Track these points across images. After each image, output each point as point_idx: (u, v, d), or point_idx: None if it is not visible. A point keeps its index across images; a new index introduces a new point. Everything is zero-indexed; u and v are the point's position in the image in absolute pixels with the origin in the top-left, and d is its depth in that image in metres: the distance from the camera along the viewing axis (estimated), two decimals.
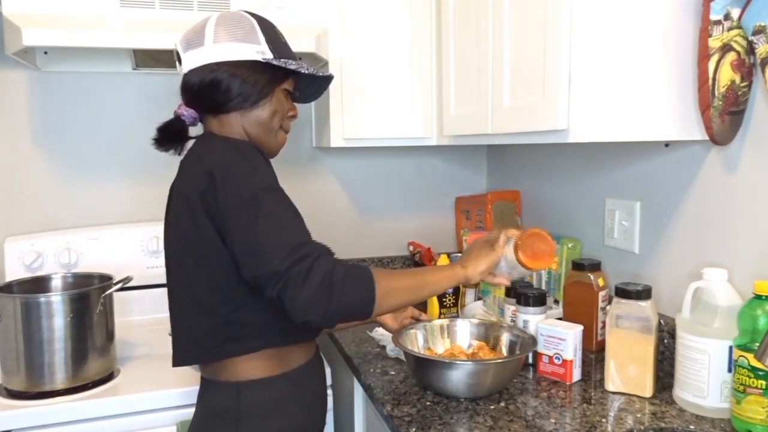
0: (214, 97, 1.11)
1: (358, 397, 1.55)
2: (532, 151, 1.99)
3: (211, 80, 1.10)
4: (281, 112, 1.17)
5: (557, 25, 1.13)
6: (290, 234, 0.99)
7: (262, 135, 1.16)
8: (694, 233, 1.33)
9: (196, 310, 1.09)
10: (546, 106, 1.17)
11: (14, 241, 1.77)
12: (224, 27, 1.12)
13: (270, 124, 1.16)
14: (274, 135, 1.18)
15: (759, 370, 1.02)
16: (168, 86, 1.95)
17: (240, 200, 0.99)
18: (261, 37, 1.13)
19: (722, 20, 1.11)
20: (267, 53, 1.13)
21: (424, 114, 1.81)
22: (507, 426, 1.12)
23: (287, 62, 1.15)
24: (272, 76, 1.14)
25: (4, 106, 1.82)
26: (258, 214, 0.98)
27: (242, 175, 1.02)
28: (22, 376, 1.39)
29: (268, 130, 1.16)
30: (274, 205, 1.01)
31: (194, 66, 1.11)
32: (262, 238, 0.97)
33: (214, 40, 1.11)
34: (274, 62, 1.13)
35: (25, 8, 1.48)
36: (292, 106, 1.21)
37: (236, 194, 1.00)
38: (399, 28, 1.77)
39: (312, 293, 0.94)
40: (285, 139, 1.21)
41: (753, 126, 1.17)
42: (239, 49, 1.11)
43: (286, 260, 0.95)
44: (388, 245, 2.21)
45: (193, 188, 1.04)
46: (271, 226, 0.98)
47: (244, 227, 0.99)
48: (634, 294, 1.23)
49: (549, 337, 1.33)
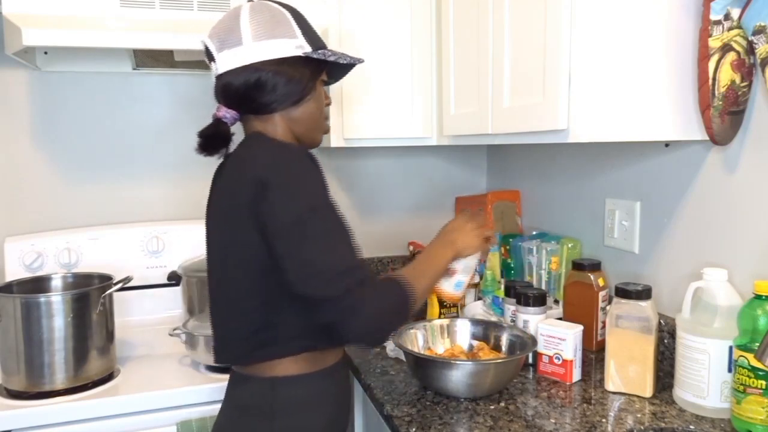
0: (260, 98, 1.08)
1: (358, 397, 1.55)
2: (532, 151, 1.99)
3: (255, 81, 1.06)
4: (322, 102, 1.17)
5: (557, 25, 1.13)
6: (343, 257, 0.99)
7: (308, 130, 1.15)
8: (694, 233, 1.33)
9: (234, 312, 1.08)
10: (546, 106, 1.17)
11: (14, 241, 1.77)
12: (260, 23, 1.07)
13: (317, 118, 1.15)
14: (320, 125, 1.17)
15: (759, 370, 1.02)
16: (168, 86, 1.96)
17: (293, 216, 0.98)
18: (297, 30, 1.10)
19: (722, 20, 1.11)
20: (306, 46, 1.10)
21: (424, 114, 1.81)
22: (507, 426, 1.12)
23: (325, 53, 1.12)
24: (313, 70, 1.12)
25: (4, 106, 1.82)
26: (311, 233, 0.98)
27: (296, 189, 1.00)
28: (22, 376, 1.39)
29: (315, 122, 1.15)
30: (327, 223, 1.00)
31: (233, 66, 1.07)
32: (317, 258, 0.97)
33: (254, 39, 1.06)
34: (314, 55, 1.10)
35: (25, 8, 1.48)
36: (326, 94, 1.20)
37: (289, 208, 0.98)
38: (399, 28, 1.77)
39: (362, 324, 0.97)
40: (329, 127, 1.22)
41: (753, 126, 1.17)
42: (280, 46, 1.07)
43: (339, 287, 0.96)
44: (388, 245, 2.21)
45: (242, 193, 1.01)
46: (324, 246, 0.98)
47: (297, 245, 0.97)
48: (634, 294, 1.23)
49: (549, 337, 1.33)
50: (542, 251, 1.74)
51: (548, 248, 1.73)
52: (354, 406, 1.57)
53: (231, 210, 1.04)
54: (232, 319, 1.09)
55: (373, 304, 0.97)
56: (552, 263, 1.71)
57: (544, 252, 1.73)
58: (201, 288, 1.78)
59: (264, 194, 0.98)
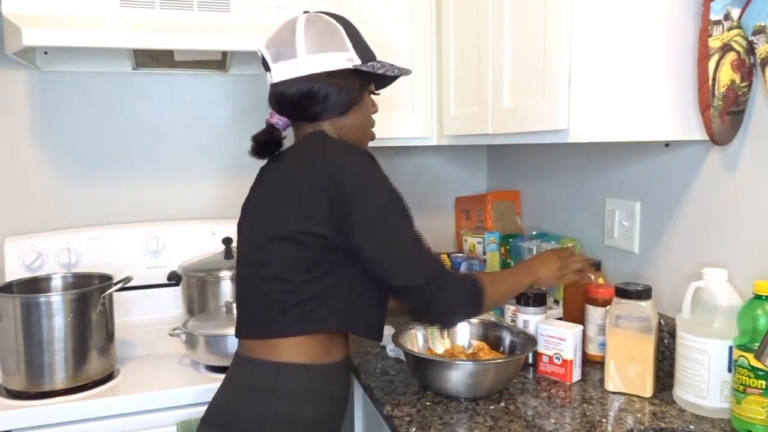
0: (312, 107, 1.15)
1: (358, 397, 1.55)
2: (532, 151, 1.99)
3: (308, 91, 1.13)
4: (370, 112, 1.23)
5: (557, 25, 1.13)
6: (426, 249, 1.11)
7: (356, 135, 1.20)
8: (694, 233, 1.33)
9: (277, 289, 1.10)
10: (546, 106, 1.17)
11: (14, 241, 1.77)
12: (314, 36, 1.13)
13: (362, 126, 1.21)
14: (366, 133, 1.24)
15: (759, 370, 1.02)
16: (168, 86, 1.96)
17: (377, 211, 1.07)
18: (348, 42, 1.16)
19: (722, 20, 1.11)
20: (355, 59, 1.16)
21: (424, 114, 1.81)
22: (507, 426, 1.12)
23: (374, 66, 1.18)
24: (362, 81, 1.18)
25: (4, 106, 1.82)
26: (398, 228, 1.09)
27: (374, 185, 1.08)
28: (22, 376, 1.39)
29: (362, 130, 1.22)
30: (406, 218, 1.10)
31: (287, 77, 1.14)
32: (405, 251, 1.09)
33: (307, 52, 1.13)
34: (363, 68, 1.16)
35: (25, 8, 1.48)
36: (374, 102, 1.26)
37: (372, 204, 1.06)
38: (399, 28, 1.77)
39: (441, 311, 1.12)
40: (374, 134, 1.27)
41: (753, 126, 1.17)
42: (332, 59, 1.14)
43: (426, 276, 1.09)
44: None
45: (312, 183, 1.06)
46: (410, 239, 1.09)
47: (386, 239, 1.08)
48: (634, 294, 1.23)
49: (549, 337, 1.33)
50: (542, 251, 1.74)
51: (548, 248, 1.72)
52: (353, 407, 1.57)
53: (295, 195, 1.08)
54: (273, 293, 1.10)
55: (452, 293, 1.10)
56: None
57: None
58: (201, 288, 1.78)
59: (340, 189, 1.05)
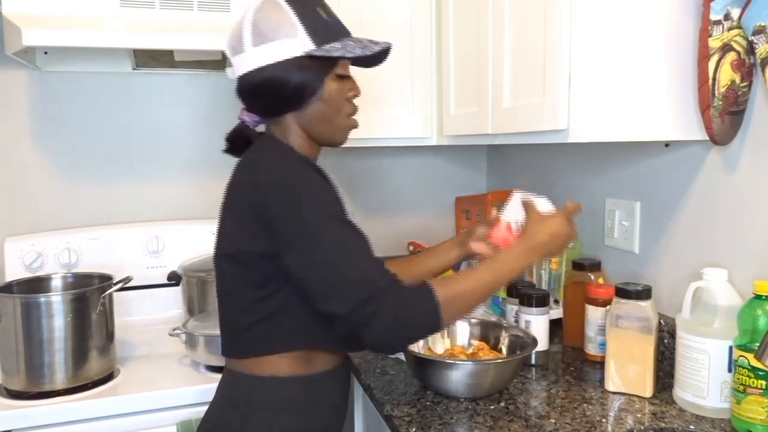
0: (267, 102, 1.09)
1: (358, 397, 1.55)
2: (532, 151, 1.99)
3: (258, 85, 1.06)
4: (338, 99, 1.10)
5: (557, 25, 1.13)
6: (352, 269, 0.97)
7: (323, 129, 1.11)
8: (694, 233, 1.33)
9: (234, 304, 1.09)
10: (546, 106, 1.17)
11: (14, 241, 1.77)
12: (260, 27, 1.06)
13: (328, 117, 1.10)
14: (337, 124, 1.12)
15: (759, 370, 1.02)
16: (168, 86, 1.96)
17: (297, 227, 0.98)
18: (299, 27, 1.05)
19: (722, 20, 1.11)
20: (308, 45, 1.05)
21: (424, 114, 1.81)
22: (507, 426, 1.12)
23: (332, 49, 1.07)
24: (319, 67, 1.07)
25: (4, 106, 1.82)
26: (315, 246, 0.97)
27: (296, 198, 0.99)
28: (22, 376, 1.39)
29: (328, 122, 1.11)
30: (331, 233, 0.98)
31: (242, 72, 1.08)
32: (324, 273, 0.97)
33: (253, 44, 1.05)
34: (317, 53, 1.06)
35: (25, 8, 1.48)
36: (352, 86, 1.13)
37: (292, 218, 0.98)
38: (399, 27, 1.77)
39: (380, 334, 0.96)
40: (354, 122, 1.15)
41: (753, 126, 1.17)
42: (280, 48, 1.05)
43: (352, 302, 0.95)
44: (388, 245, 2.21)
45: (246, 198, 1.02)
46: (330, 259, 0.97)
47: (303, 258, 0.98)
48: (634, 294, 1.23)
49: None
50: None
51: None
52: (353, 407, 1.57)
53: (235, 209, 1.05)
54: (232, 312, 1.10)
55: (387, 319, 0.95)
56: (552, 263, 1.71)
57: None
58: (201, 288, 1.78)
59: (265, 206, 0.99)
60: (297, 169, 1.02)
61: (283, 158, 1.04)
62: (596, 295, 1.40)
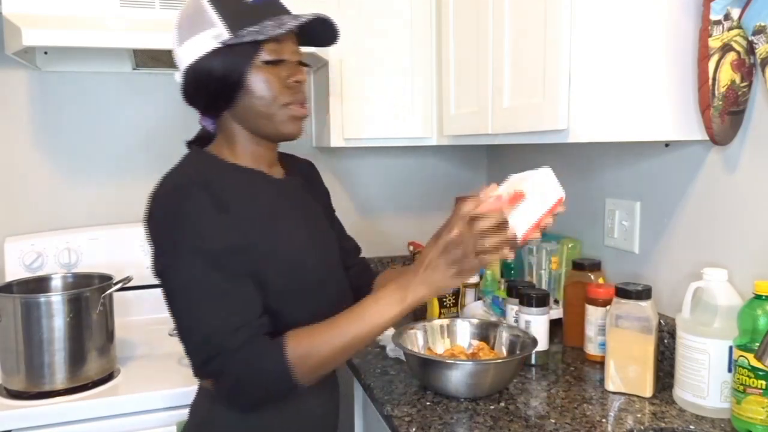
0: (200, 102, 1.03)
1: (358, 397, 1.55)
2: (532, 151, 1.99)
3: (188, 85, 1.01)
4: (268, 88, 0.99)
5: (557, 25, 1.13)
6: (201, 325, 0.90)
7: (261, 123, 1.02)
8: (694, 233, 1.33)
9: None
10: (546, 106, 1.17)
11: (14, 241, 1.77)
12: (182, 23, 1.00)
13: (261, 109, 1.00)
14: (278, 116, 1.01)
15: (759, 370, 1.02)
16: (168, 86, 1.95)
17: (159, 267, 0.93)
18: (214, 16, 0.96)
19: (722, 20, 1.11)
20: (223, 34, 0.96)
21: (424, 114, 1.81)
22: (507, 426, 1.12)
23: (247, 33, 0.96)
24: (239, 56, 0.97)
25: (4, 106, 1.82)
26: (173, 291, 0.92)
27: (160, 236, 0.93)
28: (22, 376, 1.39)
29: (264, 115, 1.01)
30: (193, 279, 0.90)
31: (177, 74, 1.04)
32: (181, 320, 0.93)
33: (179, 42, 1.00)
34: (232, 41, 0.96)
35: (25, 8, 1.48)
36: (290, 71, 1.01)
37: (157, 257, 0.93)
38: (399, 27, 1.77)
39: (227, 393, 0.93)
40: (301, 112, 1.03)
41: (753, 126, 1.17)
42: (197, 43, 0.97)
43: (195, 358, 0.92)
44: (388, 245, 2.21)
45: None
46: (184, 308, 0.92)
47: (166, 296, 0.93)
48: (634, 294, 1.23)
49: None
50: (542, 251, 1.74)
51: (548, 248, 1.73)
52: (353, 407, 1.57)
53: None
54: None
55: (231, 378, 0.90)
56: (552, 263, 1.71)
57: (544, 252, 1.73)
58: None
59: (146, 224, 0.95)
60: (175, 194, 0.93)
61: (170, 178, 0.96)
62: (596, 295, 1.40)
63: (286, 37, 1.01)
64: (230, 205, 0.95)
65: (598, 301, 1.39)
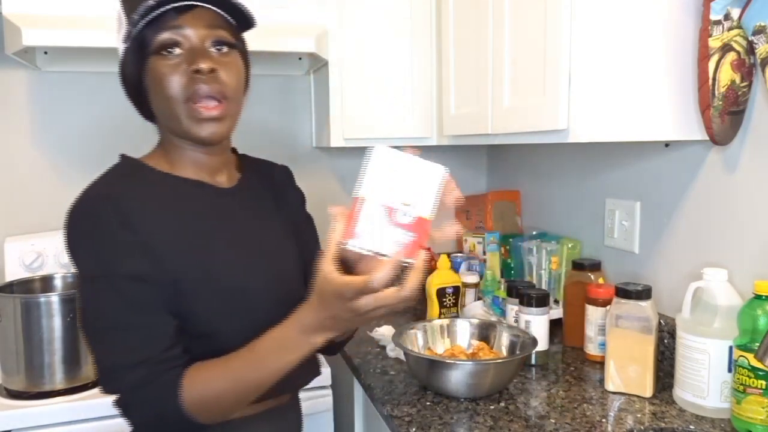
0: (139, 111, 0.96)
1: (358, 397, 1.55)
2: (532, 151, 1.99)
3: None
4: (167, 83, 0.86)
5: (557, 25, 1.13)
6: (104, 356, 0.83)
7: (173, 126, 0.90)
8: (694, 233, 1.33)
9: None
10: (546, 105, 1.17)
11: (14, 241, 1.77)
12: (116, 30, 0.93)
13: (164, 110, 0.89)
14: (182, 116, 0.87)
15: (759, 370, 1.02)
16: None
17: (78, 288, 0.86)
18: (122, 15, 0.88)
19: (722, 20, 1.11)
20: (125, 26, 0.87)
21: (424, 114, 1.81)
22: (507, 426, 1.12)
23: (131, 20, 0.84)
24: (135, 50, 0.87)
25: (4, 106, 1.82)
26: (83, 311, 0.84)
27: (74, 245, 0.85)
28: (22, 376, 1.39)
29: (170, 116, 0.89)
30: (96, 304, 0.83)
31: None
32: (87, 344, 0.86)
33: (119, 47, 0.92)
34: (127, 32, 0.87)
35: (25, 8, 1.48)
36: (194, 58, 0.85)
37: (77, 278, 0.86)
38: (399, 28, 1.77)
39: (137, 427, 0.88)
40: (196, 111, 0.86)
41: (753, 126, 1.17)
42: (120, 44, 0.90)
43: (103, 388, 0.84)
44: None
45: None
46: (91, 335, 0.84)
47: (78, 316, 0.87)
48: (634, 294, 1.23)
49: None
50: (542, 251, 1.74)
51: (548, 248, 1.73)
52: (353, 407, 1.57)
53: None
54: None
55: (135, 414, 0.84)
56: (552, 263, 1.71)
57: (544, 252, 1.73)
58: None
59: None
60: (80, 211, 0.85)
61: (84, 191, 0.87)
62: (596, 295, 1.40)
63: (192, 18, 0.86)
64: (143, 224, 0.84)
65: (598, 301, 1.39)
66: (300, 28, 1.67)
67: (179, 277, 0.86)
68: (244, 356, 0.84)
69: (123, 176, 0.92)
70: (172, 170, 0.95)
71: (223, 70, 0.88)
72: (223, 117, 0.89)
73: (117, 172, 0.93)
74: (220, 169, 0.99)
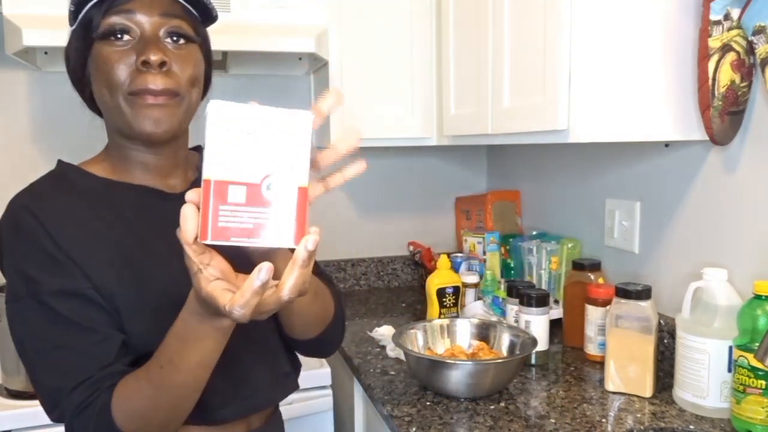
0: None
1: (358, 397, 1.55)
2: (532, 151, 1.99)
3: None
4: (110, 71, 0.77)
5: (557, 25, 1.13)
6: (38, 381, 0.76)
7: (115, 120, 0.83)
8: (694, 233, 1.33)
9: None
10: (546, 106, 1.17)
11: None
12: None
13: (106, 101, 0.81)
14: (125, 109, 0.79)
15: (759, 370, 1.03)
16: None
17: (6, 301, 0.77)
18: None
19: (722, 20, 1.11)
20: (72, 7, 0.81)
21: (424, 114, 1.81)
22: (507, 426, 1.12)
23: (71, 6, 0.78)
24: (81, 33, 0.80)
25: (4, 106, 1.82)
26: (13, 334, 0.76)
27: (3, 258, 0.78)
28: (22, 376, 1.39)
29: (112, 108, 0.80)
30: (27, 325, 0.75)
31: None
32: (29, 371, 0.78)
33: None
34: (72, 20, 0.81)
35: (25, 8, 1.48)
36: (143, 48, 0.76)
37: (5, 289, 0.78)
38: (399, 28, 1.77)
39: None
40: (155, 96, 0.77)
41: (753, 126, 1.17)
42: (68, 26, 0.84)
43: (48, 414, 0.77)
44: (388, 245, 2.21)
45: None
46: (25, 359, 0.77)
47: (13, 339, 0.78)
48: (634, 294, 1.23)
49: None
50: (542, 251, 1.74)
51: (548, 248, 1.73)
52: (353, 407, 1.57)
53: None
54: None
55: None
56: (552, 263, 1.71)
57: (544, 252, 1.73)
58: None
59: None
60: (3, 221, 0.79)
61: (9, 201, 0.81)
62: (596, 295, 1.40)
63: (146, 4, 0.77)
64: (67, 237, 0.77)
65: (598, 301, 1.39)
66: (300, 28, 1.67)
67: (113, 292, 0.77)
68: (158, 361, 0.72)
69: (52, 184, 0.84)
70: (113, 175, 0.86)
71: (176, 63, 0.78)
72: (170, 107, 0.78)
73: (47, 179, 0.84)
74: (172, 172, 0.88)
